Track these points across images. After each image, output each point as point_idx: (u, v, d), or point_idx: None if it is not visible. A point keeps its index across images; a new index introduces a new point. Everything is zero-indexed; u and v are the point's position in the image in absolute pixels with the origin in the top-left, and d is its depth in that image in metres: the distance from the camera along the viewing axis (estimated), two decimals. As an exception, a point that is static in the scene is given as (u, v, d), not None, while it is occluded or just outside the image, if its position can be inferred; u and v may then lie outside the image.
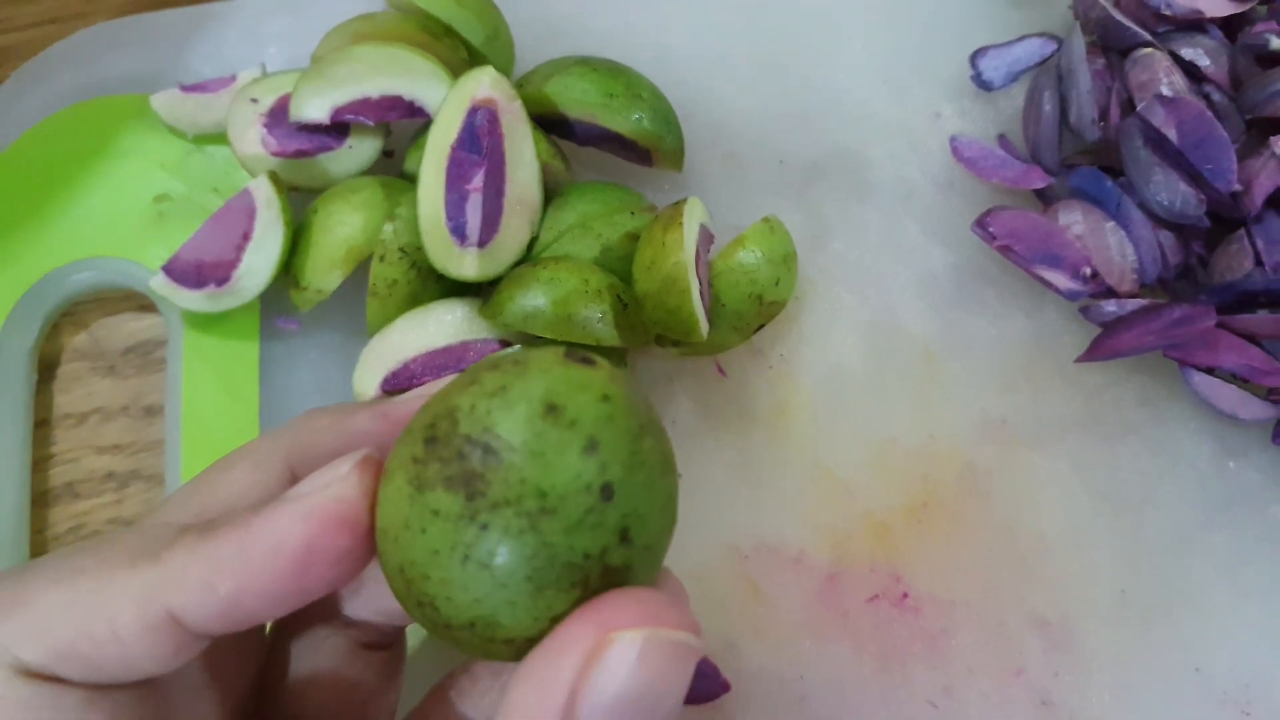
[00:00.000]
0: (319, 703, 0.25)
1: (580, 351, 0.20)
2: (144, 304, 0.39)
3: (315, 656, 0.25)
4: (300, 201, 0.37)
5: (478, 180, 0.34)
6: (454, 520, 0.18)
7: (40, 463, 0.38)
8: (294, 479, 0.24)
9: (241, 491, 0.24)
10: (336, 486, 0.20)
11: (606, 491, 0.19)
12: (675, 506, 0.21)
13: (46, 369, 0.39)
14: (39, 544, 0.37)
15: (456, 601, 0.19)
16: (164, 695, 0.22)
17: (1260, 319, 0.35)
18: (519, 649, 0.19)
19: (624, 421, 0.19)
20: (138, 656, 0.20)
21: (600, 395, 0.19)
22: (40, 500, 0.37)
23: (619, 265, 0.35)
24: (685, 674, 0.18)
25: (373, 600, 0.24)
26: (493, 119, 0.34)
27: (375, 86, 0.35)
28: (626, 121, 0.36)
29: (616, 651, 0.18)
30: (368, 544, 0.20)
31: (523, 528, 0.18)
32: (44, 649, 0.19)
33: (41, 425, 0.38)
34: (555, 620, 0.19)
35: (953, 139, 0.39)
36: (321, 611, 0.25)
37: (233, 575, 0.20)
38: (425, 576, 0.19)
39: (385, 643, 0.26)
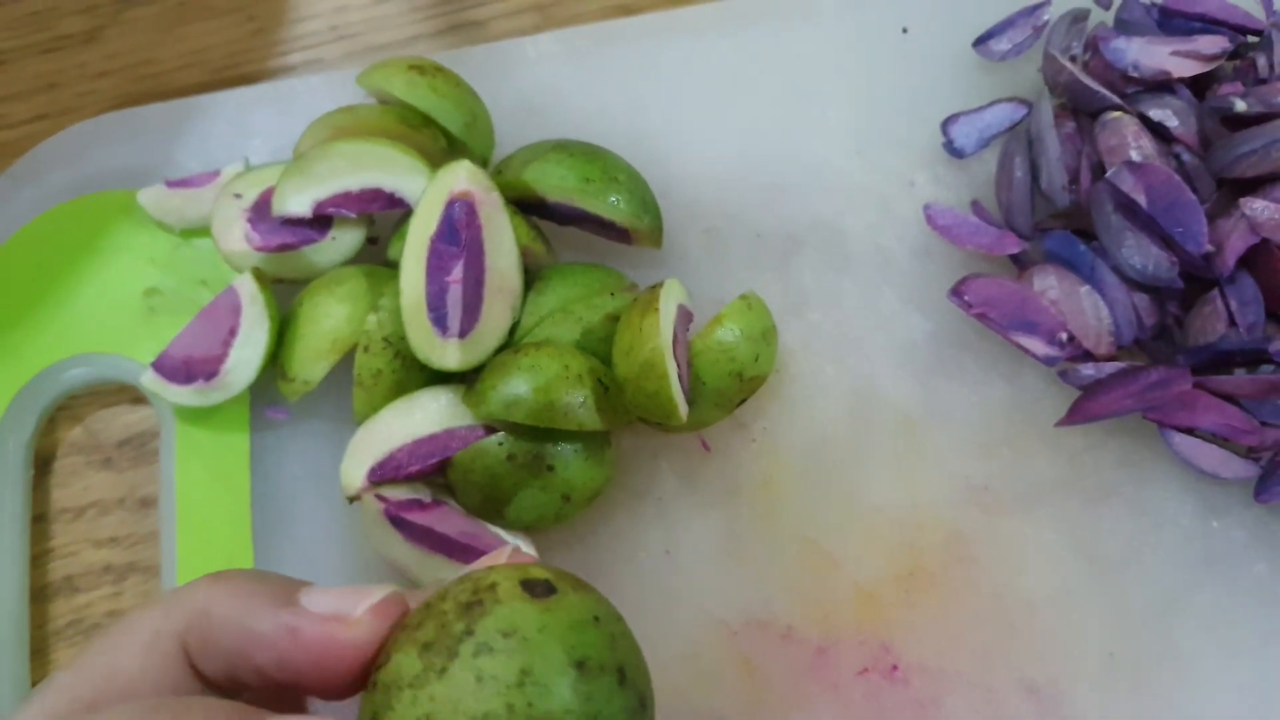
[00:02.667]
0: None
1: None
2: (137, 396, 0.40)
3: None
4: (286, 293, 0.37)
5: (457, 271, 0.34)
6: None
7: (39, 557, 0.38)
8: (187, 663, 0.23)
9: (135, 677, 0.22)
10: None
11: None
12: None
13: (43, 463, 0.39)
14: (39, 639, 0.38)
15: None
16: None
17: (1237, 380, 0.35)
18: None
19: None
20: None
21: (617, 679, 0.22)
22: (39, 595, 0.38)
23: (600, 347, 0.36)
24: None
25: None
26: (470, 211, 0.34)
27: (356, 180, 0.36)
28: (604, 204, 0.37)
29: None
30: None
31: None
32: None
33: (39, 520, 0.39)
34: None
35: (927, 207, 0.39)
36: None
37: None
38: None
39: None
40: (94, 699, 0.21)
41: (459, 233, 0.34)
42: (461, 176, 0.34)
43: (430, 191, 0.34)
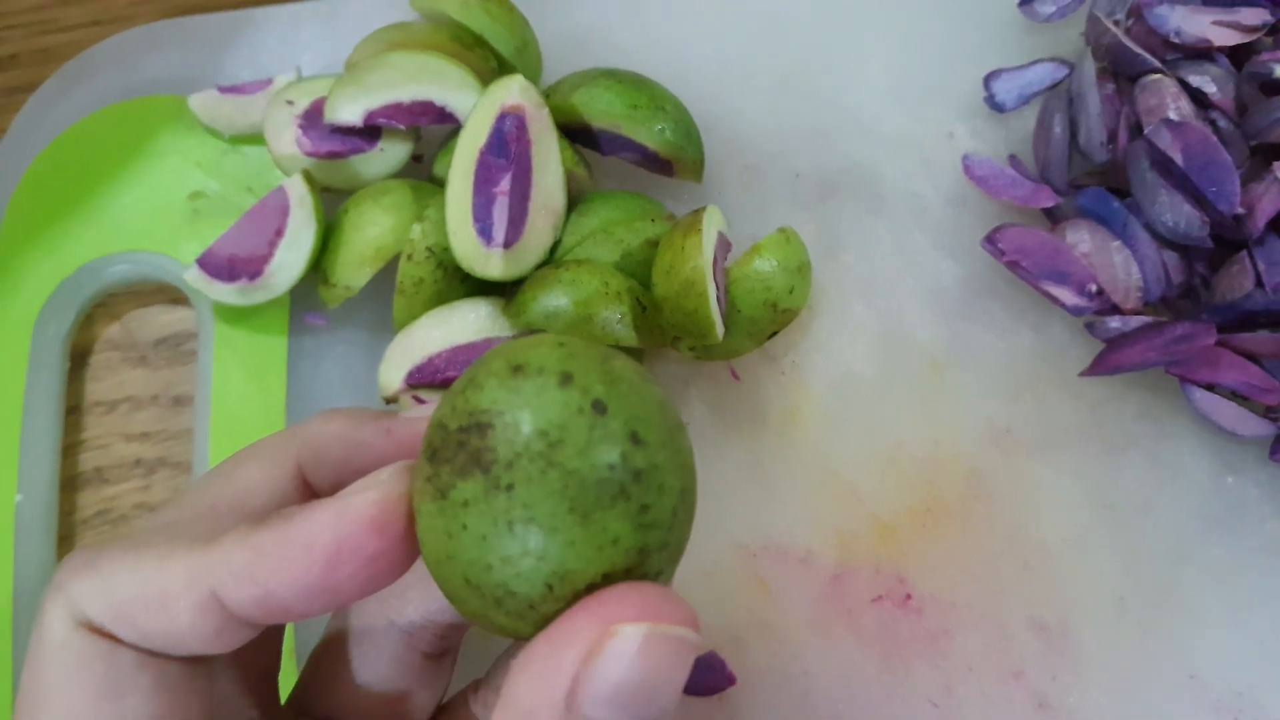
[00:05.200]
0: (361, 705, 0.25)
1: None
2: (176, 297, 0.41)
3: (369, 658, 0.25)
4: (331, 202, 0.38)
5: (505, 183, 0.35)
6: (484, 499, 0.19)
7: (71, 448, 0.39)
8: (301, 479, 0.25)
9: (252, 487, 0.24)
10: (372, 490, 0.21)
11: (598, 406, 0.19)
12: (674, 413, 0.21)
13: (79, 358, 0.40)
14: (67, 526, 0.38)
15: (524, 571, 0.19)
16: (209, 680, 0.23)
17: (1260, 338, 0.36)
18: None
19: (585, 354, 0.20)
20: (182, 631, 0.21)
21: (555, 344, 0.20)
22: (70, 484, 0.39)
23: (639, 270, 0.36)
24: (684, 667, 0.19)
25: (425, 604, 0.25)
26: (521, 125, 0.35)
27: (407, 92, 0.37)
28: (650, 132, 0.37)
29: (617, 644, 0.18)
30: (401, 548, 0.21)
31: (543, 468, 0.19)
32: (105, 608, 0.21)
33: (73, 412, 0.39)
34: (616, 544, 0.19)
35: (965, 157, 0.40)
36: (383, 615, 0.25)
37: (269, 565, 0.20)
38: (488, 567, 0.19)
39: (443, 648, 0.26)
40: (215, 501, 0.24)
41: (508, 145, 0.35)
42: (514, 90, 0.35)
43: (482, 104, 0.35)
